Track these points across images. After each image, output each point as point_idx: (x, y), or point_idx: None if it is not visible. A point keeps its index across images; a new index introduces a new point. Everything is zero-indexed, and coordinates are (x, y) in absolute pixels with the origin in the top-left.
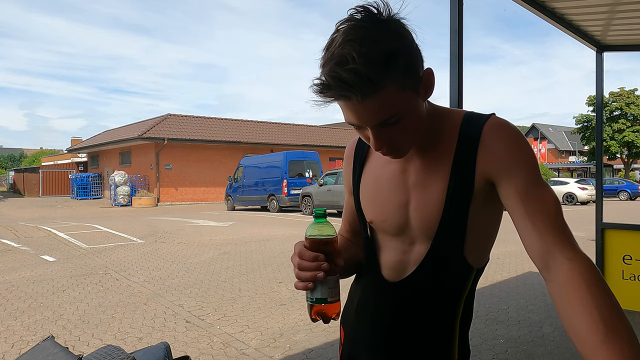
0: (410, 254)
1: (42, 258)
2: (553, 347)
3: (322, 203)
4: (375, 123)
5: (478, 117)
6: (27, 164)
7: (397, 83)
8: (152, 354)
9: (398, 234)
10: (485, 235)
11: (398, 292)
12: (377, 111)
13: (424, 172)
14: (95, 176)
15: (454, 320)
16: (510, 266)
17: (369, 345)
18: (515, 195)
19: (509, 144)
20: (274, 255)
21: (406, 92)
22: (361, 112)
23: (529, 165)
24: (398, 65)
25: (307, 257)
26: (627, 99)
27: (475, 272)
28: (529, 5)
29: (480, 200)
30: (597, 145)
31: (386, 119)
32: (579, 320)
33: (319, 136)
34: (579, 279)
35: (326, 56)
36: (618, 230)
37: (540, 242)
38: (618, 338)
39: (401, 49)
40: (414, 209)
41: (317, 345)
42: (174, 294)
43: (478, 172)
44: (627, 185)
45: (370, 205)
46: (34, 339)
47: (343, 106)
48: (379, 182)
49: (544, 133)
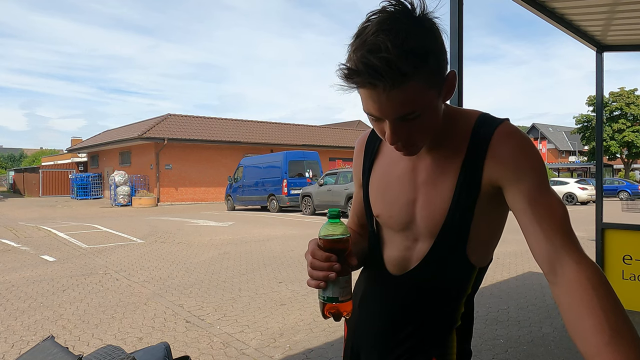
0: (413, 250)
1: (42, 258)
2: (553, 347)
3: (322, 203)
4: (395, 116)
5: (491, 122)
6: (27, 164)
7: (425, 80)
8: (152, 354)
9: (403, 230)
10: (489, 236)
11: (400, 286)
12: (400, 104)
13: (434, 171)
14: (95, 176)
15: (454, 317)
16: (510, 266)
17: (371, 338)
18: (523, 201)
19: (518, 150)
20: (274, 255)
21: (431, 91)
22: (384, 103)
23: (537, 172)
24: (429, 62)
25: (319, 257)
26: (627, 99)
27: (477, 271)
28: (529, 5)
29: (485, 203)
30: (597, 145)
31: (407, 114)
32: (584, 322)
33: (319, 136)
34: (585, 283)
35: (357, 43)
36: (618, 230)
37: (547, 247)
38: (623, 341)
39: (433, 48)
40: (420, 206)
41: (317, 345)
42: (174, 294)
43: (485, 175)
44: (627, 185)
45: (379, 200)
46: (34, 339)
47: (366, 95)
48: (389, 178)
49: (544, 133)
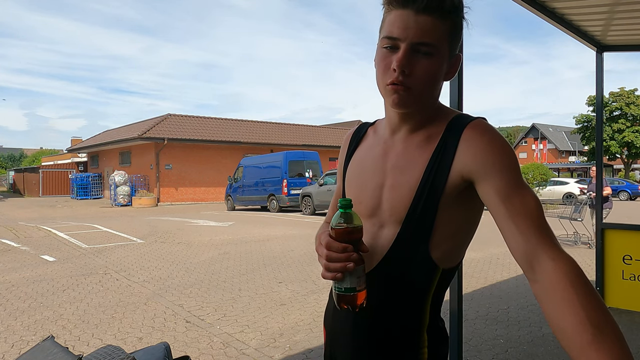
0: (379, 239)
1: (42, 258)
2: (553, 347)
3: (322, 203)
4: (416, 40)
5: (466, 117)
6: (27, 164)
7: (449, 28)
8: (152, 354)
9: (370, 216)
10: (455, 234)
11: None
12: (424, 29)
13: (404, 157)
14: (95, 176)
15: (420, 321)
16: (510, 266)
17: (342, 343)
18: (496, 197)
19: (488, 145)
20: (274, 255)
21: (448, 43)
22: (411, 24)
23: (509, 167)
24: (458, 19)
25: (335, 249)
26: (627, 99)
27: (440, 272)
28: (529, 5)
29: (452, 195)
30: (597, 145)
31: (424, 43)
32: (566, 320)
33: (319, 136)
34: (564, 279)
35: None
36: (618, 230)
37: (523, 243)
38: (606, 338)
39: (462, 16)
40: (387, 190)
41: (317, 345)
42: (174, 294)
43: (454, 167)
44: (627, 186)
45: (352, 186)
46: (34, 339)
47: (396, 14)
48: (363, 165)
49: (544, 133)
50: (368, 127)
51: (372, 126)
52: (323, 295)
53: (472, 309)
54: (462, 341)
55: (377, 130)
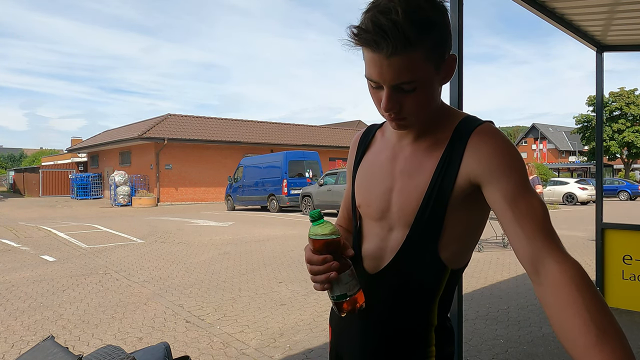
0: (388, 241)
1: (42, 258)
2: (553, 347)
3: (322, 203)
4: (393, 83)
5: (473, 120)
6: (27, 164)
7: (426, 52)
8: (152, 354)
9: (379, 219)
10: (463, 235)
11: (375, 285)
12: (399, 71)
13: (413, 161)
14: (95, 176)
15: (428, 321)
16: (511, 266)
17: (349, 341)
18: (503, 201)
19: (496, 149)
20: (274, 255)
21: (430, 65)
22: (385, 68)
23: (516, 172)
24: (433, 35)
25: (315, 261)
26: (627, 99)
27: (449, 273)
28: (529, 5)
29: (460, 199)
30: (597, 145)
31: (404, 82)
32: (570, 323)
33: (319, 136)
34: (569, 282)
35: (371, 5)
36: (618, 230)
37: (529, 247)
38: (610, 340)
39: (440, 22)
40: (396, 194)
41: (317, 345)
42: (174, 294)
43: (462, 171)
44: (627, 185)
45: (361, 190)
46: (34, 339)
47: (369, 59)
48: (372, 169)
49: (544, 133)
50: (376, 129)
51: (380, 129)
52: (323, 295)
53: (472, 309)
54: (462, 341)
55: (385, 133)
